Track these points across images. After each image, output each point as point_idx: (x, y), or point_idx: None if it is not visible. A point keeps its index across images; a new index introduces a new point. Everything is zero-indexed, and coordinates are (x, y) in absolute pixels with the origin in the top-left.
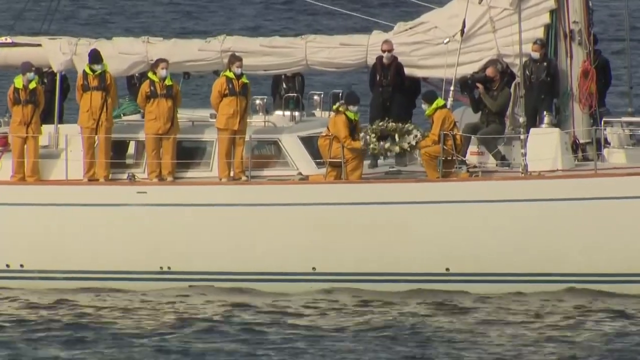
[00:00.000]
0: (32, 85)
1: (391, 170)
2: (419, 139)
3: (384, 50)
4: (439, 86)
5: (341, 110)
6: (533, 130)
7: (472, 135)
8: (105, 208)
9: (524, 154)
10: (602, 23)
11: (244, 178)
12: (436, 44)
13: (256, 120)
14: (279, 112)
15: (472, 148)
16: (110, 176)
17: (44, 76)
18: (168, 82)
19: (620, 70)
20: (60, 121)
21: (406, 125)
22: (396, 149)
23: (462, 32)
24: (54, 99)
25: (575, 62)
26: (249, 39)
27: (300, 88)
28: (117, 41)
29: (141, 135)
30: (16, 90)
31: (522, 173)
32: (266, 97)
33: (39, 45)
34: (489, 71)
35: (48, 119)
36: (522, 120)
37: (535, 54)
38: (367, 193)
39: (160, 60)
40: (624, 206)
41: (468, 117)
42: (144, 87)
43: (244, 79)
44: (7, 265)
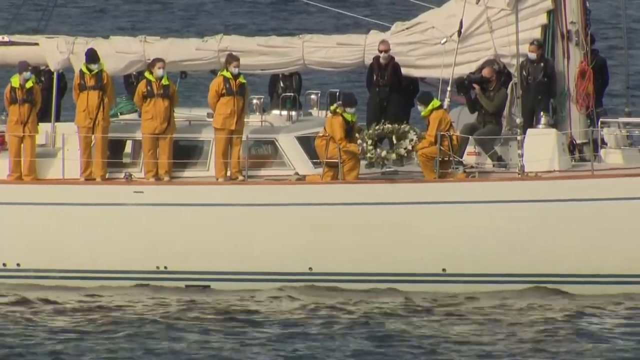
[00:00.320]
0: (29, 84)
1: (388, 170)
2: (415, 143)
3: (380, 51)
4: (436, 86)
5: (338, 111)
6: (530, 130)
7: (469, 136)
8: (102, 207)
9: (521, 155)
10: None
11: (241, 178)
12: (433, 44)
13: (253, 119)
14: (276, 112)
15: (470, 148)
16: (107, 175)
17: (41, 74)
18: (165, 82)
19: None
20: (58, 119)
21: (402, 127)
22: (393, 156)
23: (460, 33)
24: (51, 97)
25: (572, 63)
26: (246, 39)
27: (298, 87)
28: (114, 40)
29: (138, 135)
30: (13, 89)
31: (519, 174)
32: (263, 97)
33: (36, 44)
34: (485, 72)
35: (45, 117)
36: (519, 121)
37: (532, 55)
38: (364, 193)
39: (157, 59)
40: (620, 207)
41: (465, 117)
42: (141, 87)
43: (241, 79)
44: (4, 264)
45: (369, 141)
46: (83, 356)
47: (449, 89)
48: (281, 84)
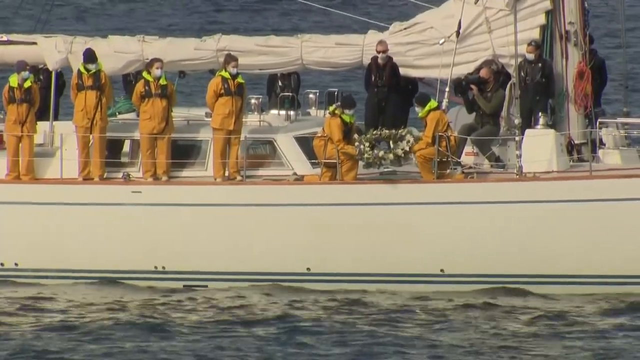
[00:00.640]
0: (27, 84)
1: (386, 171)
2: (412, 144)
3: (378, 51)
4: (435, 86)
5: (337, 113)
6: (528, 131)
7: (467, 137)
8: (100, 207)
9: (519, 156)
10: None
11: (239, 178)
12: (432, 44)
13: (251, 119)
14: (274, 111)
15: (468, 149)
16: (105, 175)
17: (39, 72)
18: (162, 82)
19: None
20: (56, 118)
21: (399, 131)
22: (390, 156)
23: (458, 33)
24: (49, 95)
25: (570, 63)
26: (244, 38)
27: (296, 86)
28: (113, 40)
29: (136, 134)
30: (11, 89)
31: (517, 174)
32: (261, 97)
33: (35, 43)
34: (483, 72)
35: (44, 115)
36: (518, 122)
37: (530, 55)
38: (362, 194)
39: (155, 59)
40: (619, 208)
41: (463, 118)
42: (139, 87)
43: (240, 79)
44: (2, 264)
45: (367, 143)
46: (81, 356)
47: (447, 89)
48: (279, 83)
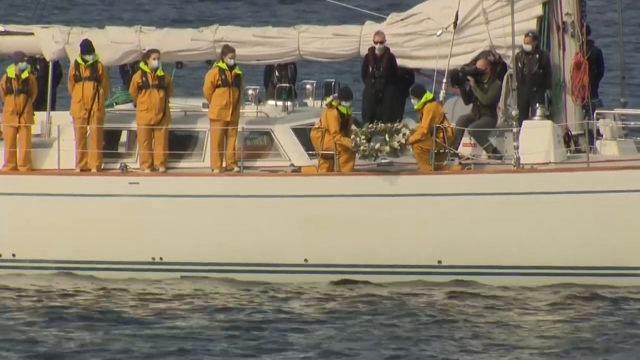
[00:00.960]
0: (25, 74)
1: (383, 162)
2: (408, 137)
3: (376, 42)
4: (432, 77)
5: (334, 104)
6: (525, 122)
7: (464, 128)
8: (98, 198)
9: (517, 147)
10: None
11: (236, 169)
12: (429, 35)
13: (249, 110)
14: (271, 102)
15: (465, 140)
16: (103, 166)
17: (36, 62)
18: (160, 73)
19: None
20: (53, 108)
21: (395, 125)
22: (386, 148)
23: (455, 24)
24: (46, 85)
25: (567, 54)
26: (241, 29)
27: (293, 76)
28: (110, 30)
29: (133, 125)
30: (8, 79)
31: (515, 166)
32: (259, 88)
33: (32, 34)
34: (480, 64)
35: (40, 106)
36: (515, 113)
37: (527, 46)
38: (359, 185)
39: (152, 50)
40: (616, 199)
41: (460, 109)
42: (136, 78)
43: (237, 70)
44: None
45: (362, 137)
46: (77, 346)
47: (445, 80)
48: (276, 74)
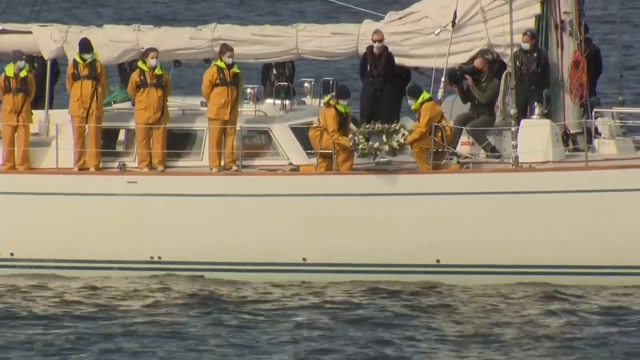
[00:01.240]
0: (23, 73)
1: (382, 161)
2: (406, 137)
3: (374, 41)
4: (430, 76)
5: (331, 103)
6: (524, 121)
7: (463, 127)
8: (96, 197)
9: (515, 146)
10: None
11: (235, 168)
12: (427, 33)
13: (247, 109)
14: (269, 101)
15: (463, 139)
16: (101, 165)
17: (34, 60)
18: (158, 72)
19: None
20: (51, 106)
21: (392, 125)
22: (386, 147)
23: (454, 23)
24: (44, 83)
25: (566, 53)
26: (240, 28)
27: (291, 75)
28: (108, 29)
29: (132, 124)
30: (7, 78)
31: (513, 165)
32: (257, 86)
33: (30, 32)
34: (477, 62)
35: (39, 104)
36: (513, 112)
37: (525, 45)
38: (358, 184)
39: (150, 49)
40: (615, 198)
41: (458, 107)
42: (134, 77)
43: (235, 69)
44: None
45: (360, 136)
46: (76, 346)
47: (443, 79)
48: (274, 72)
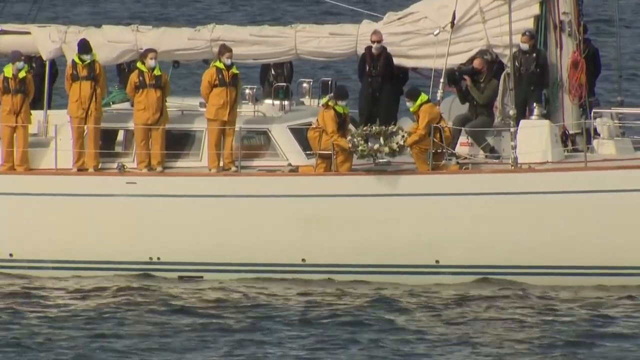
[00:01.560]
0: (22, 74)
1: (381, 162)
2: (406, 139)
3: (373, 41)
4: (429, 76)
5: (330, 104)
6: (523, 122)
7: (462, 128)
8: (95, 198)
9: (514, 147)
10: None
11: (234, 168)
12: (426, 34)
13: (246, 109)
14: (268, 101)
15: (462, 139)
16: (100, 165)
17: (32, 60)
18: (157, 72)
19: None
20: (49, 106)
21: (390, 127)
22: (385, 149)
23: (453, 24)
24: (42, 83)
25: (565, 53)
26: (238, 28)
27: (289, 75)
28: (107, 29)
29: (130, 125)
30: (5, 79)
31: (512, 165)
32: (256, 87)
33: (28, 33)
34: (476, 63)
35: (37, 104)
36: (512, 113)
37: (524, 45)
38: (357, 185)
39: (149, 50)
40: (614, 199)
41: (457, 108)
42: (133, 77)
43: (234, 70)
44: None
45: (359, 138)
46: (76, 346)
47: (442, 80)
48: (272, 72)
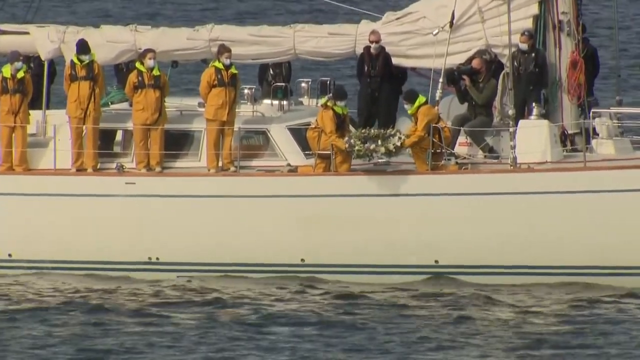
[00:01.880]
0: (20, 74)
1: (380, 162)
2: (403, 140)
3: (371, 41)
4: (428, 76)
5: (329, 105)
6: (522, 122)
7: (461, 128)
8: (94, 198)
9: (513, 147)
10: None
11: (233, 169)
12: (425, 34)
13: (244, 110)
14: (267, 101)
15: (461, 139)
16: (99, 165)
17: (30, 60)
18: (156, 72)
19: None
20: (47, 106)
21: (388, 131)
22: (382, 149)
23: (451, 23)
24: (40, 83)
25: (563, 53)
26: (237, 28)
27: (287, 75)
28: (105, 29)
29: (129, 125)
30: (4, 79)
31: (511, 165)
32: (254, 87)
33: (27, 33)
34: (475, 63)
35: (36, 104)
36: (511, 113)
37: (523, 45)
38: (356, 185)
39: (148, 50)
40: (613, 199)
41: (456, 108)
42: (132, 78)
43: (233, 70)
44: None
45: (356, 139)
46: (75, 346)
47: (441, 80)
48: (271, 72)
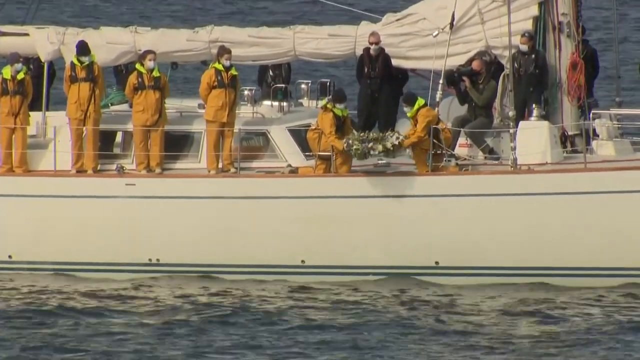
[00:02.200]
0: (20, 76)
1: (380, 163)
2: (401, 139)
3: (371, 43)
4: (427, 77)
5: (329, 107)
6: (522, 123)
7: (461, 129)
8: (94, 200)
9: (514, 148)
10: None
11: (233, 170)
12: (425, 35)
13: (244, 111)
14: (267, 102)
15: (461, 140)
16: (99, 167)
17: (29, 62)
18: (156, 74)
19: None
20: (47, 108)
21: (387, 134)
22: (379, 147)
23: (452, 25)
24: (40, 84)
25: (563, 54)
26: (237, 29)
27: (287, 76)
28: (105, 31)
29: (129, 126)
30: (4, 80)
31: (512, 167)
32: (254, 88)
33: (27, 34)
34: (475, 64)
35: (35, 105)
36: (512, 114)
37: (523, 47)
38: (356, 186)
39: (148, 51)
40: (613, 200)
41: (456, 109)
42: (132, 79)
43: (233, 71)
44: None
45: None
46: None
47: (441, 81)
48: (270, 73)
